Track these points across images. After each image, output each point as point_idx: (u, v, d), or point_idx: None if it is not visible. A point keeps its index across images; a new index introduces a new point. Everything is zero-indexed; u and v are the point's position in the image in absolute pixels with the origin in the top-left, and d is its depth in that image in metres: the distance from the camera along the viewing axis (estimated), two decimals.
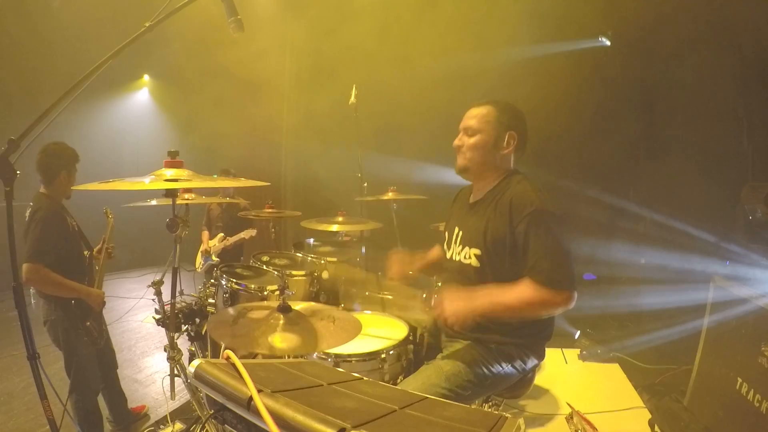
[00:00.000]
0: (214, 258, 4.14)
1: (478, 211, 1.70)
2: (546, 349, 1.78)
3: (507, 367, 1.66)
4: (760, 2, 3.36)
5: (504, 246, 1.58)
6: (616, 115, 4.29)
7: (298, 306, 1.63)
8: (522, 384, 1.78)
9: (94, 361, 2.43)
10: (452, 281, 1.80)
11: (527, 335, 1.68)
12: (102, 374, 2.54)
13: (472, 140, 1.69)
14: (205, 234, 4.41)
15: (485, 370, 1.62)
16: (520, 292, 1.48)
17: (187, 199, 2.19)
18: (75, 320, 2.29)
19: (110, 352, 2.62)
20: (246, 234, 4.08)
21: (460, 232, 1.77)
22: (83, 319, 2.32)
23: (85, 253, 2.46)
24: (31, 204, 2.27)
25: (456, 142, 1.74)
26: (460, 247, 1.74)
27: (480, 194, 1.75)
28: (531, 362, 1.72)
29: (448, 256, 1.82)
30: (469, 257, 1.68)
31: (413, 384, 1.58)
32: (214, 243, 4.21)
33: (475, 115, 1.70)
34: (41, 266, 2.14)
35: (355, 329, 1.50)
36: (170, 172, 1.58)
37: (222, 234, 4.23)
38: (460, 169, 1.75)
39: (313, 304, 1.73)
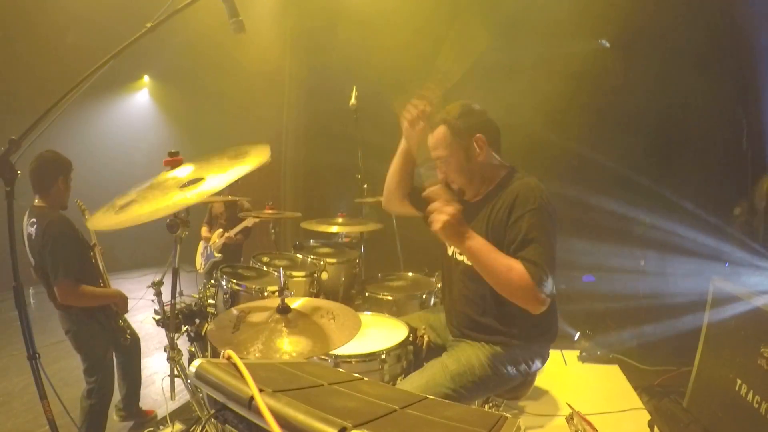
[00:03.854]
0: (216, 254, 4.12)
1: (479, 210, 1.70)
2: None
3: (512, 370, 1.66)
4: (761, 2, 3.37)
5: (503, 242, 1.57)
6: (614, 116, 4.29)
7: (297, 303, 1.64)
8: (523, 385, 1.78)
9: (113, 365, 2.44)
10: (453, 279, 1.80)
11: (534, 337, 1.68)
12: (127, 362, 2.57)
13: (450, 168, 1.68)
14: (205, 229, 4.41)
15: (491, 372, 1.62)
16: (511, 264, 1.44)
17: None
18: (108, 324, 2.31)
19: (135, 340, 2.61)
20: (249, 222, 3.94)
21: None
22: (115, 319, 2.34)
23: (90, 254, 2.45)
24: (34, 220, 2.18)
25: (439, 175, 1.74)
26: None
27: (480, 195, 1.75)
28: (536, 365, 1.72)
29: (449, 253, 1.82)
30: None
31: (418, 381, 1.59)
32: (213, 239, 4.19)
33: (436, 145, 1.69)
34: (74, 283, 2.12)
35: (356, 325, 1.50)
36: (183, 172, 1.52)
37: (221, 230, 4.21)
38: (459, 194, 1.76)
39: (311, 299, 1.74)
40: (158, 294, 1.79)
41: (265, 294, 2.18)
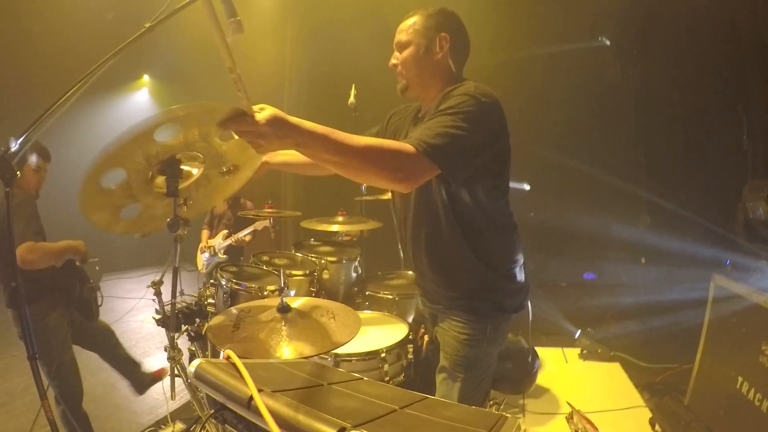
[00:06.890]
0: (221, 255, 4.11)
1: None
2: (546, 348, 1.77)
3: (480, 331, 1.55)
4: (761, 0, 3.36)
5: None
6: (615, 114, 4.29)
7: (297, 302, 1.64)
8: (525, 379, 1.78)
9: (77, 367, 2.35)
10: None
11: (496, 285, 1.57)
12: (105, 349, 2.53)
13: (404, 54, 1.59)
14: (205, 233, 4.39)
15: (467, 340, 1.55)
16: (369, 138, 1.31)
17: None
18: (67, 302, 2.21)
19: (102, 327, 2.57)
20: (259, 225, 3.87)
21: None
22: (71, 293, 2.23)
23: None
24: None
25: (391, 61, 1.64)
26: None
27: (426, 108, 1.63)
28: (510, 303, 1.60)
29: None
30: None
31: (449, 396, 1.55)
32: (217, 240, 4.18)
33: (403, 29, 1.61)
34: (30, 242, 2.03)
35: (356, 324, 1.50)
36: None
37: (225, 231, 4.20)
38: (400, 90, 1.64)
39: (311, 299, 1.74)
40: (158, 294, 1.79)
41: (265, 293, 2.18)
